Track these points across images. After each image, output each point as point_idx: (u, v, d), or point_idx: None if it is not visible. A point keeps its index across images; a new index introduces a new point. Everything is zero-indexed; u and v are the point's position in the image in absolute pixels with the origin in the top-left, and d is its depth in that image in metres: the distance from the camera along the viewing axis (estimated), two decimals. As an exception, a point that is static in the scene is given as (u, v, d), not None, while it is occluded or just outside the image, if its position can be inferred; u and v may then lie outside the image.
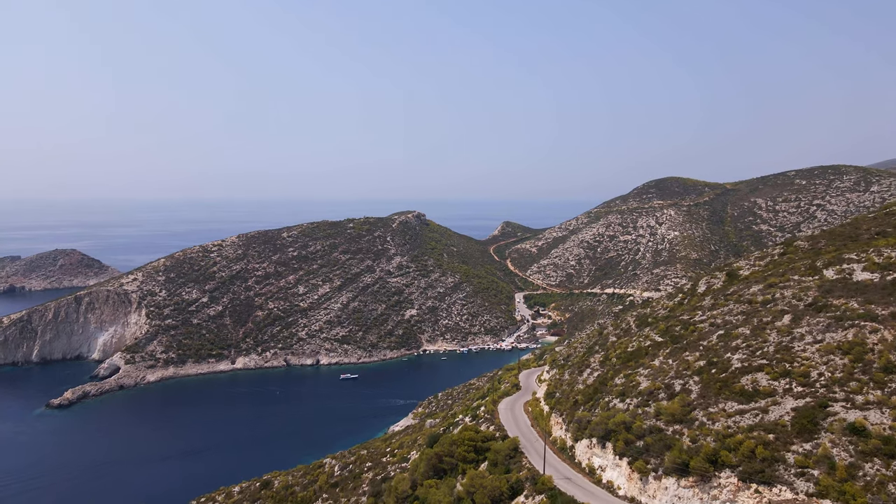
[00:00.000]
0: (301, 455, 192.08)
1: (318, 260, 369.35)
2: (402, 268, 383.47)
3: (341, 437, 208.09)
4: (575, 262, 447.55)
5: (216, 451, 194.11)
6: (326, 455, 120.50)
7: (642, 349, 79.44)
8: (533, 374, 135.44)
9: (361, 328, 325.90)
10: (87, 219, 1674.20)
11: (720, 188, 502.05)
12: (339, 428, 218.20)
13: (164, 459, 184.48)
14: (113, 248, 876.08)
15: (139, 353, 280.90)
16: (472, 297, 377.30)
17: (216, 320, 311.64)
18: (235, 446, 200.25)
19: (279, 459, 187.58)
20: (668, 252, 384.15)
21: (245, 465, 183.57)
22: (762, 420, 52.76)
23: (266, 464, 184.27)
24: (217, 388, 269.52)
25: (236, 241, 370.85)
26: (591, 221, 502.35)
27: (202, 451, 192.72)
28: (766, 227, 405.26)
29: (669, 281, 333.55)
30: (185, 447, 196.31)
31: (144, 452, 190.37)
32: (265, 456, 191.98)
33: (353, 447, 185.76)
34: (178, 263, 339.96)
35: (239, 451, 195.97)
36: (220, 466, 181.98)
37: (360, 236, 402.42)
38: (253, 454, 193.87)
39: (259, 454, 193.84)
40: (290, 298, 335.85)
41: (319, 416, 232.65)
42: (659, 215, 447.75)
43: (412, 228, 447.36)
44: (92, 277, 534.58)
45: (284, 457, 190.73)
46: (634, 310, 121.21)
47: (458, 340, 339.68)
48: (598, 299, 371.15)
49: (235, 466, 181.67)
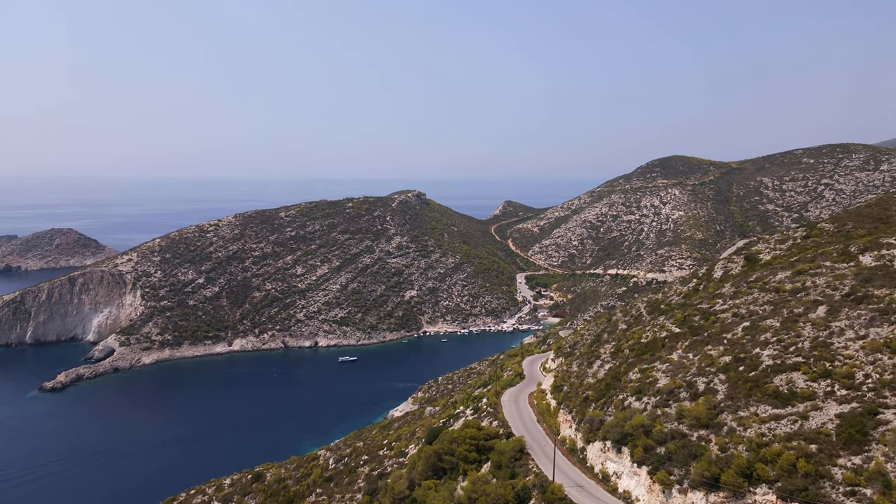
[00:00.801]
0: (297, 441, 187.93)
1: (316, 240, 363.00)
2: (401, 248, 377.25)
3: (339, 422, 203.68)
4: (577, 243, 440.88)
5: (211, 438, 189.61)
6: (321, 446, 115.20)
7: (658, 341, 73.39)
8: (537, 360, 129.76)
9: (360, 310, 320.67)
10: (87, 197, 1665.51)
11: (725, 167, 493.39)
12: (337, 412, 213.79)
13: (156, 446, 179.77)
14: (112, 227, 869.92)
15: (134, 334, 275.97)
16: (473, 278, 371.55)
17: (213, 301, 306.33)
18: (230, 432, 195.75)
19: (274, 446, 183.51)
20: (672, 232, 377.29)
21: (239, 452, 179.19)
22: (802, 428, 46.78)
23: (261, 451, 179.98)
24: (213, 371, 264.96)
25: (233, 221, 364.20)
26: (594, 201, 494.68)
27: (196, 438, 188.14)
28: (772, 206, 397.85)
29: (674, 262, 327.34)
30: (178, 433, 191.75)
31: (137, 439, 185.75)
32: (260, 442, 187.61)
33: (351, 433, 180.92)
34: (174, 243, 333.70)
35: (234, 437, 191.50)
36: (214, 454, 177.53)
37: (360, 216, 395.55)
38: (248, 440, 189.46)
39: (254, 440, 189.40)
40: (287, 279, 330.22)
41: (317, 399, 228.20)
42: (663, 195, 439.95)
43: (412, 208, 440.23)
44: (89, 257, 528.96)
45: (280, 443, 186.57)
46: (645, 295, 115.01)
47: (458, 322, 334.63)
48: (601, 280, 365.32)
49: (229, 454, 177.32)
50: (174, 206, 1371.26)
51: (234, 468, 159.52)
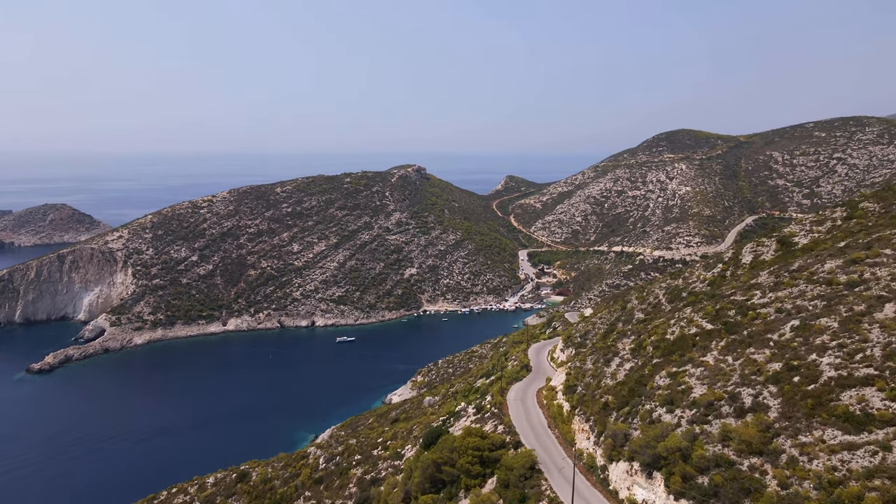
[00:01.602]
0: (291, 428, 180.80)
1: (313, 216, 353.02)
2: (401, 224, 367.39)
3: (336, 407, 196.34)
4: (581, 219, 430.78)
5: (200, 426, 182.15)
6: (310, 442, 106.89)
7: (687, 338, 64.28)
8: (544, 348, 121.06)
9: (359, 288, 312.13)
10: (83, 171, 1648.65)
11: (734, 141, 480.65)
12: (333, 396, 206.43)
13: (141, 435, 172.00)
14: (107, 203, 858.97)
15: (125, 314, 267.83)
16: (475, 255, 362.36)
17: (206, 280, 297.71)
18: (221, 419, 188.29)
19: (267, 434, 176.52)
20: (679, 208, 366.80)
21: (229, 442, 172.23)
22: (884, 462, 37.84)
23: (253, 440, 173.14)
24: (207, 352, 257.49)
25: (228, 197, 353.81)
26: (598, 176, 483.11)
27: (184, 426, 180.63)
28: (782, 182, 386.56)
29: (681, 239, 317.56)
30: (166, 421, 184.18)
31: (121, 427, 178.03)
32: (253, 430, 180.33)
33: (347, 420, 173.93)
34: (166, 220, 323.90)
35: (224, 424, 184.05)
36: (202, 444, 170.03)
37: (358, 191, 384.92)
38: (239, 428, 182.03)
39: (246, 428, 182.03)
40: (283, 257, 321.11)
41: (313, 382, 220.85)
42: (669, 169, 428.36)
43: (412, 183, 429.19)
44: (83, 233, 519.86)
45: (273, 430, 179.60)
46: (663, 280, 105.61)
47: (459, 300, 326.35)
48: (606, 258, 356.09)
49: (219, 444, 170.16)
50: (170, 181, 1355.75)
51: (222, 461, 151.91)
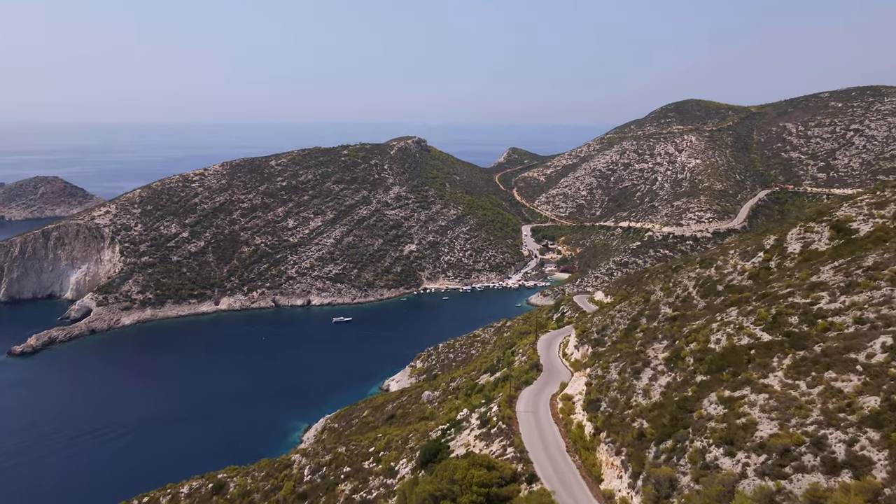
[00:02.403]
0: (284, 417, 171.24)
1: (309, 190, 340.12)
2: (400, 199, 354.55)
3: (330, 393, 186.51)
4: (586, 193, 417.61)
5: (187, 416, 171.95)
6: (295, 450, 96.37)
7: (739, 350, 52.84)
8: (554, 341, 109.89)
9: (356, 265, 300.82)
10: (82, 143, 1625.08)
11: (745, 112, 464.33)
12: (328, 381, 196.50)
13: (119, 429, 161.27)
14: (103, 175, 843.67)
15: (113, 293, 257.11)
16: (476, 231, 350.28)
17: (198, 257, 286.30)
18: (210, 407, 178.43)
19: (257, 424, 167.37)
20: (689, 182, 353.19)
21: (217, 433, 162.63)
22: None
23: (242, 430, 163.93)
24: (198, 332, 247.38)
25: (220, 170, 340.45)
26: (604, 148, 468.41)
27: (170, 417, 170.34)
28: (796, 154, 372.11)
29: (692, 214, 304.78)
30: (151, 411, 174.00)
31: (102, 417, 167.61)
32: (243, 419, 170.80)
33: (342, 409, 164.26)
34: (156, 194, 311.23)
35: (213, 413, 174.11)
36: (187, 437, 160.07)
37: (356, 164, 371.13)
38: (229, 417, 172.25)
39: (236, 417, 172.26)
40: (278, 233, 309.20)
41: (308, 366, 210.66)
42: (678, 141, 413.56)
43: (412, 156, 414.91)
44: (75, 206, 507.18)
45: (264, 419, 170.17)
46: (690, 267, 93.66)
47: (460, 278, 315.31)
48: (613, 233, 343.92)
49: (206, 436, 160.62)
50: (169, 152, 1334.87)
51: (207, 458, 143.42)
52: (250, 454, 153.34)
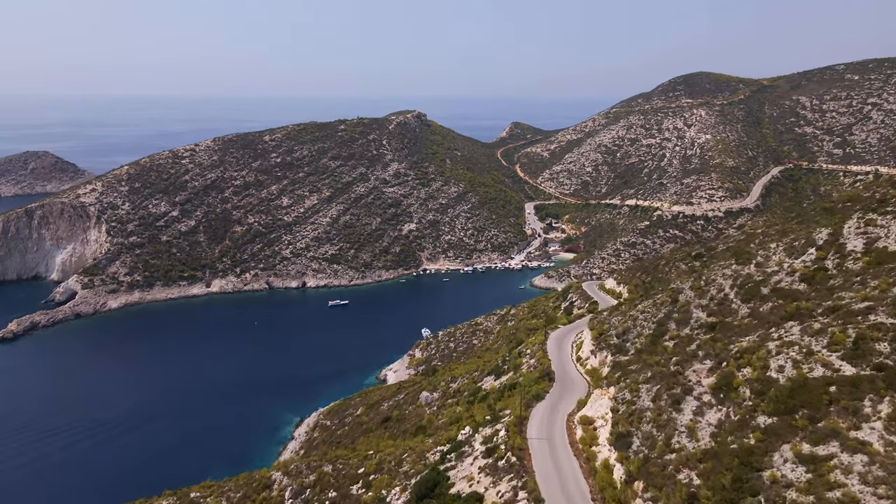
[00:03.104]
0: (275, 409, 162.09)
1: (304, 167, 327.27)
2: (399, 176, 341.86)
3: (324, 383, 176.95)
4: (591, 169, 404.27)
5: (171, 409, 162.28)
6: (275, 467, 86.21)
7: (814, 386, 42.09)
8: (566, 340, 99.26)
9: (353, 245, 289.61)
10: (79, 116, 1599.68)
11: (756, 85, 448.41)
12: (323, 370, 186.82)
13: (98, 427, 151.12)
14: (99, 150, 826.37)
15: (99, 275, 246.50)
16: (478, 209, 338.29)
17: (188, 237, 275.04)
18: (197, 399, 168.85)
19: (247, 417, 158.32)
20: (699, 159, 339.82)
21: (204, 427, 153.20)
22: None
23: (231, 424, 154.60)
24: (188, 317, 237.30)
25: (211, 146, 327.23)
26: (610, 123, 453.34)
27: (152, 411, 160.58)
28: (810, 129, 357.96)
29: (703, 193, 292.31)
30: (132, 404, 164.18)
31: (79, 411, 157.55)
32: (232, 411, 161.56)
33: (337, 402, 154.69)
34: (144, 171, 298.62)
35: (201, 406, 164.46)
36: (170, 434, 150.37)
37: (353, 140, 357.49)
38: (217, 409, 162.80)
39: (225, 409, 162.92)
40: (272, 212, 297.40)
41: (302, 353, 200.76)
42: (687, 116, 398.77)
43: (411, 130, 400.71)
44: (66, 182, 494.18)
45: (255, 412, 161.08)
46: (724, 262, 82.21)
47: (461, 258, 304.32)
48: (619, 212, 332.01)
49: (191, 431, 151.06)
50: (169, 126, 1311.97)
51: (187, 464, 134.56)
52: (237, 454, 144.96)
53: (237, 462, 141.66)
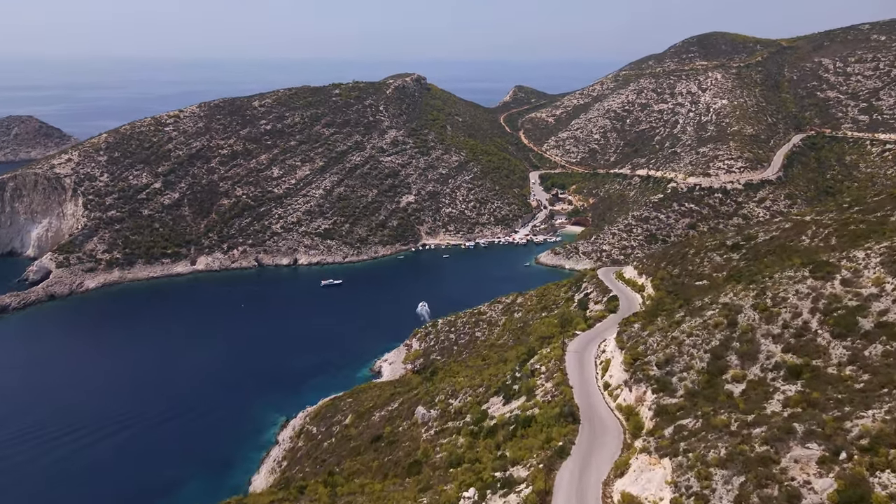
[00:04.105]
0: (260, 406, 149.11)
1: (296, 135, 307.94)
2: (397, 144, 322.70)
3: (314, 376, 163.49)
4: (600, 136, 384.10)
5: (146, 407, 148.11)
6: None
7: None
8: (587, 355, 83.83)
9: (348, 219, 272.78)
10: (74, 79, 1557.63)
11: (775, 46, 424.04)
12: (312, 359, 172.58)
13: (60, 432, 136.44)
14: (89, 113, 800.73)
15: (75, 252, 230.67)
16: (481, 180, 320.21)
17: (172, 211, 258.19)
18: (176, 392, 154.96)
19: (228, 416, 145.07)
20: (715, 125, 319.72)
21: (180, 427, 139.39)
22: None
23: (210, 424, 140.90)
24: (171, 297, 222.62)
25: (197, 112, 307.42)
26: (619, 86, 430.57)
27: (123, 410, 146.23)
28: (834, 93, 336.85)
29: (721, 163, 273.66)
30: (102, 400, 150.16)
31: (40, 413, 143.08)
32: (212, 408, 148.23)
33: (325, 401, 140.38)
34: (124, 140, 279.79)
35: (179, 401, 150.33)
36: (140, 439, 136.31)
37: (348, 105, 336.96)
38: (196, 405, 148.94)
39: (204, 404, 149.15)
40: (261, 183, 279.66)
41: (291, 339, 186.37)
42: (702, 79, 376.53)
43: (410, 95, 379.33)
44: (52, 148, 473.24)
45: (237, 409, 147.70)
46: (792, 276, 65.82)
47: (463, 233, 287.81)
48: (629, 182, 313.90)
49: (166, 433, 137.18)
50: (162, 88, 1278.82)
51: (160, 473, 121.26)
52: (217, 459, 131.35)
53: (216, 469, 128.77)
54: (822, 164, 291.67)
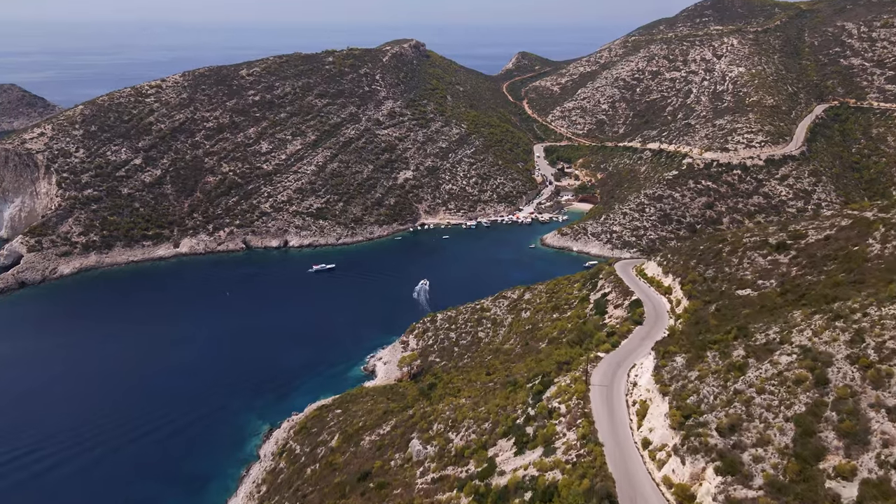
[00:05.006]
0: (242, 412, 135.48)
1: (286, 106, 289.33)
2: (394, 116, 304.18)
3: (302, 376, 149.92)
4: (608, 106, 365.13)
5: (113, 414, 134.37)
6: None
7: None
8: (615, 391, 69.27)
9: (342, 198, 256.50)
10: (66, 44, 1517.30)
11: (794, 8, 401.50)
12: (301, 355, 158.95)
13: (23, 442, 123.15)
14: (79, 81, 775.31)
15: (48, 235, 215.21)
16: (482, 154, 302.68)
17: (153, 189, 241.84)
18: (150, 393, 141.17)
19: (206, 423, 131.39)
20: (731, 95, 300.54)
21: (152, 439, 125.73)
22: None
23: (186, 434, 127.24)
24: (152, 284, 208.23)
25: (180, 81, 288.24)
26: (628, 53, 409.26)
27: (92, 415, 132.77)
28: (858, 61, 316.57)
29: (741, 137, 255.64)
30: (71, 405, 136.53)
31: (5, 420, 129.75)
32: (189, 414, 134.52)
33: (311, 411, 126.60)
34: (102, 112, 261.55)
35: (149, 410, 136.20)
36: (106, 452, 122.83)
37: (342, 74, 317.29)
38: (171, 410, 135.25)
39: (180, 409, 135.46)
40: (249, 158, 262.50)
41: (276, 333, 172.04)
42: (717, 45, 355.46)
43: (408, 63, 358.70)
44: (35, 119, 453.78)
45: (216, 415, 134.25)
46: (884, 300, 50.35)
47: (464, 211, 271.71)
48: (640, 156, 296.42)
49: (134, 451, 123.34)
50: (155, 54, 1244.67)
51: (129, 492, 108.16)
52: (193, 474, 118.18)
53: (192, 487, 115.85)
54: (847, 137, 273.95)
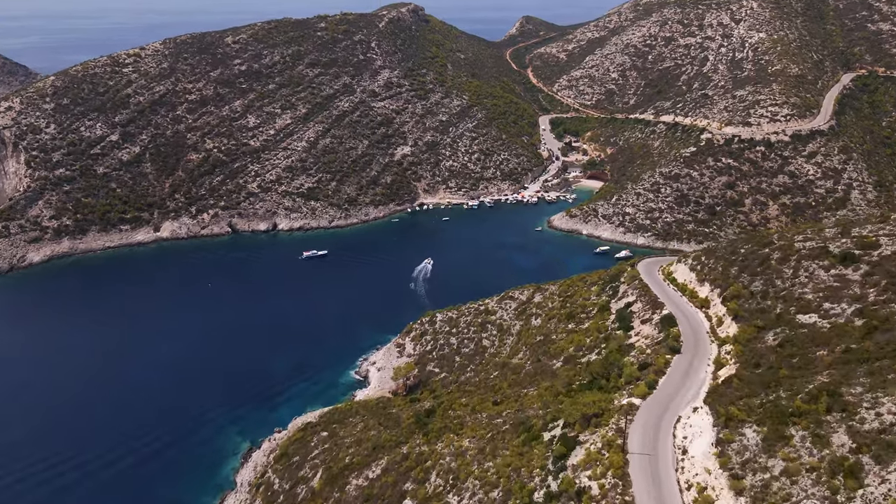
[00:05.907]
0: (221, 426, 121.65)
1: (275, 77, 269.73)
2: (391, 86, 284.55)
3: (286, 383, 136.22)
4: (617, 75, 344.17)
5: (78, 426, 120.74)
6: None
7: None
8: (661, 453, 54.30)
9: (335, 176, 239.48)
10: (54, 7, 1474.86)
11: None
12: (286, 359, 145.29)
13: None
14: (63, 47, 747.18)
15: (16, 220, 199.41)
16: (485, 127, 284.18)
17: (131, 168, 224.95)
18: (114, 413, 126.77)
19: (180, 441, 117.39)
20: (752, 63, 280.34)
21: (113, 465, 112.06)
22: None
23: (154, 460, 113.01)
24: (128, 273, 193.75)
25: (161, 49, 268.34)
26: (640, 17, 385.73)
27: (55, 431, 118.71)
28: (887, 25, 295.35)
29: (764, 110, 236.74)
30: (32, 419, 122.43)
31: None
32: (161, 429, 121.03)
33: (292, 435, 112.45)
34: (75, 83, 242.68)
35: (115, 425, 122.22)
36: (67, 471, 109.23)
37: (336, 41, 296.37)
38: (140, 429, 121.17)
39: (149, 428, 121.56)
40: (235, 134, 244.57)
41: (261, 331, 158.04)
42: (735, 8, 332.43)
43: (406, 29, 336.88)
44: (15, 87, 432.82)
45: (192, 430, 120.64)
46: None
47: (465, 189, 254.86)
48: (653, 130, 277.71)
49: (98, 471, 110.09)
50: (147, 17, 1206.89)
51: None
52: (163, 499, 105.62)
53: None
54: (877, 109, 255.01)
